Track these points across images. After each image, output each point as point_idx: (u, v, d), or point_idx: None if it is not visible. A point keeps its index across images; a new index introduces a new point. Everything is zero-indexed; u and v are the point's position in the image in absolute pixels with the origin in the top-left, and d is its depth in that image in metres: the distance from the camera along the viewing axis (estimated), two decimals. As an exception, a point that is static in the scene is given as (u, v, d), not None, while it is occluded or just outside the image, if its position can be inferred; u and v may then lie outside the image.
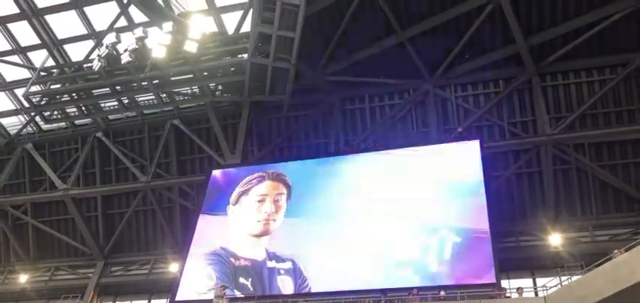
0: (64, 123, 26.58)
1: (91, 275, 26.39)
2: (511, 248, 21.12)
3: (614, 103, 21.69)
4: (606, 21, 20.23)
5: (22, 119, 27.70)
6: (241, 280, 19.23)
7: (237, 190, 22.01)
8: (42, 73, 24.38)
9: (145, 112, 25.73)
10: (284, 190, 21.41)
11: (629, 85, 21.55)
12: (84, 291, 25.51)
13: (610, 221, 21.31)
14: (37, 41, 24.79)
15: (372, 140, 23.81)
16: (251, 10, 20.74)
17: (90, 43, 24.45)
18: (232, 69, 22.17)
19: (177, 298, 19.75)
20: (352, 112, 24.34)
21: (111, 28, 23.20)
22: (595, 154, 21.80)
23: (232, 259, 19.90)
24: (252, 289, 18.92)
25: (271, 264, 19.39)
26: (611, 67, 21.67)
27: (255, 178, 22.15)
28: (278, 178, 21.90)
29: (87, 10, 23.90)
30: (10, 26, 24.74)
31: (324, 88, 23.95)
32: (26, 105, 24.67)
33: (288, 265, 19.16)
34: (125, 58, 21.93)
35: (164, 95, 23.21)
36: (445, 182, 19.41)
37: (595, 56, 21.60)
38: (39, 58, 25.33)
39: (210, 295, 18.78)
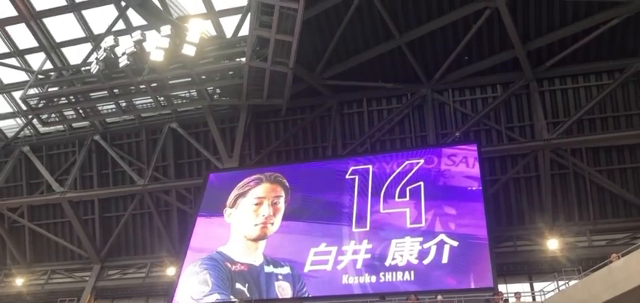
0: (61, 126, 26.47)
1: (87, 278, 26.30)
2: (508, 253, 21.16)
3: (611, 108, 21.76)
4: (604, 26, 20.22)
5: (20, 122, 27.62)
6: (238, 285, 18.97)
7: (234, 192, 21.84)
8: (40, 76, 24.29)
9: (143, 115, 25.68)
10: (282, 193, 21.27)
11: (626, 90, 21.63)
12: (80, 294, 25.42)
13: (607, 226, 21.38)
14: (35, 44, 24.73)
15: (369, 144, 23.82)
16: (249, 13, 20.74)
17: (88, 47, 24.40)
18: (230, 73, 22.13)
19: (174, 301, 19.63)
20: (350, 116, 24.36)
21: (109, 32, 23.16)
22: (592, 158, 21.86)
23: (228, 264, 19.66)
24: (248, 295, 18.75)
25: (269, 269, 19.20)
26: (608, 72, 21.75)
27: (253, 180, 22.02)
28: (276, 180, 21.79)
29: (85, 13, 23.86)
30: (8, 29, 24.66)
31: (321, 92, 23.97)
32: (24, 108, 24.57)
33: (286, 269, 18.98)
34: (123, 62, 21.85)
35: (162, 99, 23.15)
36: (442, 187, 19.38)
37: (593, 61, 21.66)
38: (37, 61, 25.28)
39: (207, 300, 18.71)
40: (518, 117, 22.63)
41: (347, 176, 20.97)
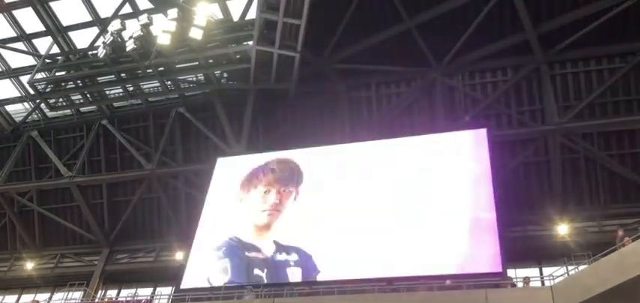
0: (69, 110, 26.56)
1: (96, 262, 26.45)
2: (518, 238, 20.90)
3: (623, 91, 21.40)
4: (617, 8, 19.89)
5: (28, 106, 27.71)
6: (256, 271, 18.97)
7: (244, 178, 21.82)
8: (47, 60, 24.36)
9: (150, 99, 25.64)
10: (292, 180, 21.18)
11: (639, 73, 21.28)
12: (90, 278, 25.51)
13: (618, 211, 21.08)
14: (42, 28, 24.74)
15: (378, 128, 23.66)
16: (256, -4, 20.61)
17: (95, 30, 24.38)
18: (238, 56, 22.06)
19: (183, 286, 19.69)
20: (358, 99, 24.14)
21: (116, 15, 23.11)
22: (604, 143, 21.57)
23: (243, 251, 19.62)
24: (265, 281, 18.75)
25: (281, 256, 19.09)
26: (621, 55, 21.35)
27: (263, 166, 21.94)
28: (286, 166, 21.68)
29: (91, -4, 23.87)
30: (15, 13, 24.69)
31: (330, 76, 23.78)
32: (31, 92, 24.70)
33: (296, 256, 18.88)
34: (130, 46, 21.86)
35: (169, 83, 23.16)
36: (452, 171, 19.24)
37: (605, 44, 21.27)
38: (44, 45, 25.32)
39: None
40: (528, 101, 22.34)
41: (356, 161, 20.83)
